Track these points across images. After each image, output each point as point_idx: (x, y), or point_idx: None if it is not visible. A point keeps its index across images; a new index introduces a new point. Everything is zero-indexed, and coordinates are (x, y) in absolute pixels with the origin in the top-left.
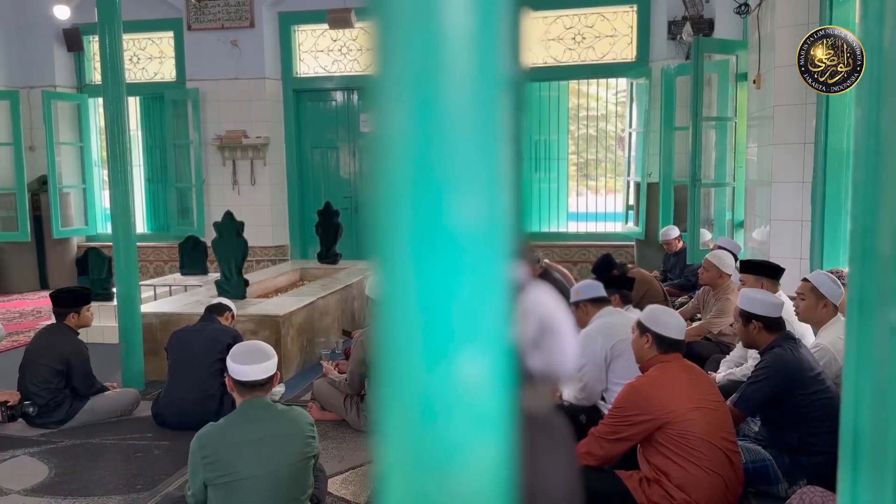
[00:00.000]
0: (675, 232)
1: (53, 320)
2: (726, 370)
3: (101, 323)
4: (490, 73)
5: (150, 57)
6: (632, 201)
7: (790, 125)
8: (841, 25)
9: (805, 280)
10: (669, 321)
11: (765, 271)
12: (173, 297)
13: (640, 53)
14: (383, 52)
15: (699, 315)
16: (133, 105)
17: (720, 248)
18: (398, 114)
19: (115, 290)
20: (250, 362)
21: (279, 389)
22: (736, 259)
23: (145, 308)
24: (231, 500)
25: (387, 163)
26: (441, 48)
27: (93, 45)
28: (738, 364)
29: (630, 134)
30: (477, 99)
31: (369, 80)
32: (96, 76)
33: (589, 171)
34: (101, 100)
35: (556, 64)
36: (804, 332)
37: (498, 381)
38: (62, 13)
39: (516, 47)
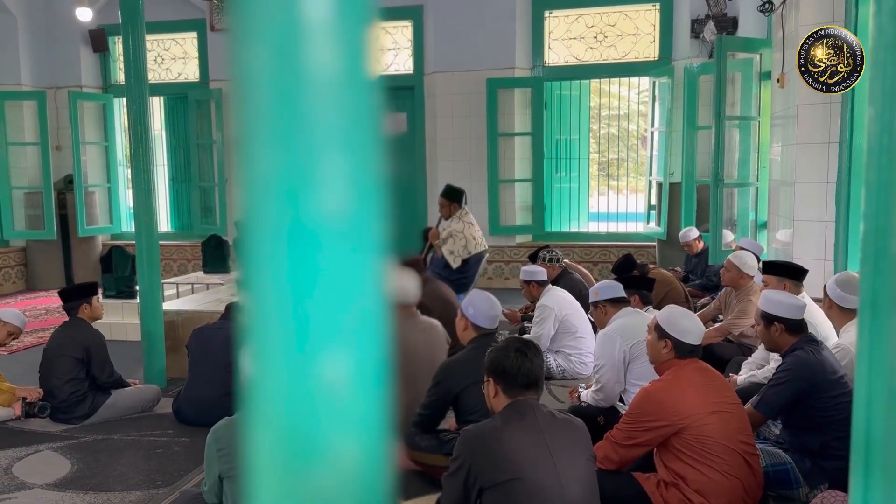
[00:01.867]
0: (693, 233)
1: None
2: (748, 372)
3: (123, 320)
4: (351, 68)
5: (173, 57)
6: (654, 201)
7: (814, 124)
8: (866, 23)
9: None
10: (689, 326)
11: (788, 272)
12: (195, 294)
13: (663, 52)
14: (242, 47)
15: (721, 316)
16: (157, 105)
17: (742, 249)
18: (258, 109)
19: (138, 287)
20: None
21: None
22: (758, 260)
23: (167, 306)
24: (245, 491)
25: (248, 159)
26: (301, 43)
27: (118, 46)
28: (761, 366)
29: (652, 133)
30: (338, 94)
31: (229, 78)
32: (121, 76)
33: (611, 171)
34: (125, 100)
35: (578, 63)
36: (828, 334)
37: (364, 379)
38: (84, 15)
39: (375, 45)
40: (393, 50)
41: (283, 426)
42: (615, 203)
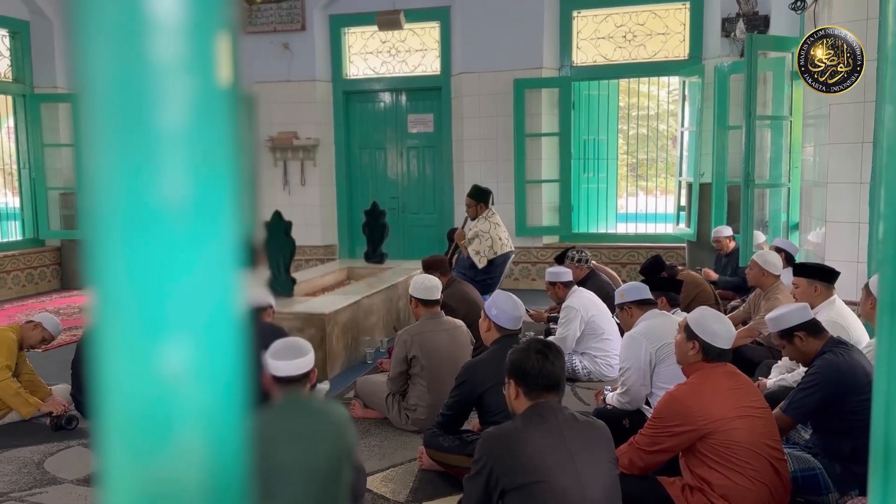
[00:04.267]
0: (727, 231)
1: None
2: (778, 376)
3: None
4: (197, 59)
5: None
6: (683, 202)
7: (847, 124)
8: None
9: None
10: (719, 330)
11: (819, 275)
12: None
13: (693, 51)
14: (84, 37)
15: (751, 320)
16: None
17: (777, 248)
18: (99, 99)
19: None
20: (286, 358)
21: (324, 386)
22: (792, 261)
23: None
24: (267, 490)
25: (92, 140)
26: (145, 33)
27: None
28: (791, 370)
29: (682, 133)
30: (183, 82)
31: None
32: None
33: (640, 172)
34: None
35: (607, 62)
36: (860, 337)
37: (212, 367)
38: None
39: (223, 34)
40: (420, 51)
41: (130, 415)
42: (644, 204)
